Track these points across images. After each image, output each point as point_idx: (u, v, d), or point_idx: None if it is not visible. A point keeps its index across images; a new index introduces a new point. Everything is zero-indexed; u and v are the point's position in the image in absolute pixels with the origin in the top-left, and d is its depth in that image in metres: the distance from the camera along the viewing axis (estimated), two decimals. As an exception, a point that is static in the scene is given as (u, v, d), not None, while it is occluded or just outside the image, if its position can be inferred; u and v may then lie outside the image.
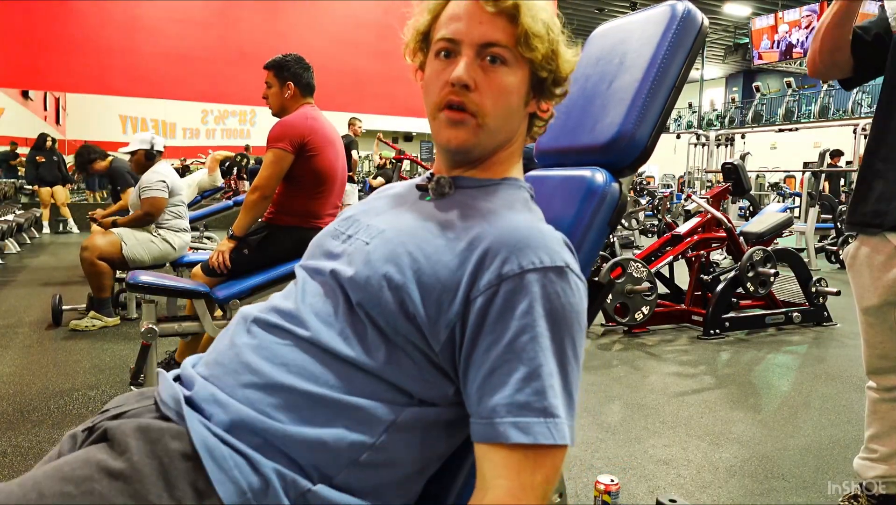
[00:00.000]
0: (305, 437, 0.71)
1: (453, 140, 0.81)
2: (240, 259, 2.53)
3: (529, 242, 0.74)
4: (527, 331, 0.70)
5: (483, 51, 0.79)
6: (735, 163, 4.95)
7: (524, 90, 0.82)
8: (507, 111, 0.82)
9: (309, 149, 2.49)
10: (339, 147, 2.65)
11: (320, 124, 2.58)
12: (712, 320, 3.98)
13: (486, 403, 0.70)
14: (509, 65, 0.80)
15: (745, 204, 11.30)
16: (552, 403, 0.69)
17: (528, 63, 0.81)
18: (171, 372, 0.84)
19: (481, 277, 0.73)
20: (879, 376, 1.64)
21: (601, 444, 2.30)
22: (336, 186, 2.63)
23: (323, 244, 0.89)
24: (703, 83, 20.75)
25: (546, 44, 0.80)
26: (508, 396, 0.69)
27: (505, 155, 0.87)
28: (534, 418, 0.68)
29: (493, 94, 0.79)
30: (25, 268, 6.22)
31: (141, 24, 9.99)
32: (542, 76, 0.82)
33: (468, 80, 0.78)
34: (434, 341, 0.74)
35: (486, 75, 0.79)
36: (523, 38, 0.78)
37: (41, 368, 3.00)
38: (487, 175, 0.87)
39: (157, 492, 0.66)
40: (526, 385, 0.69)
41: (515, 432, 0.68)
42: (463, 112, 0.80)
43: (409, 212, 0.85)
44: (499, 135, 0.83)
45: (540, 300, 0.71)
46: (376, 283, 0.75)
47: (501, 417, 0.69)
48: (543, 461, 0.69)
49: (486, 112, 0.80)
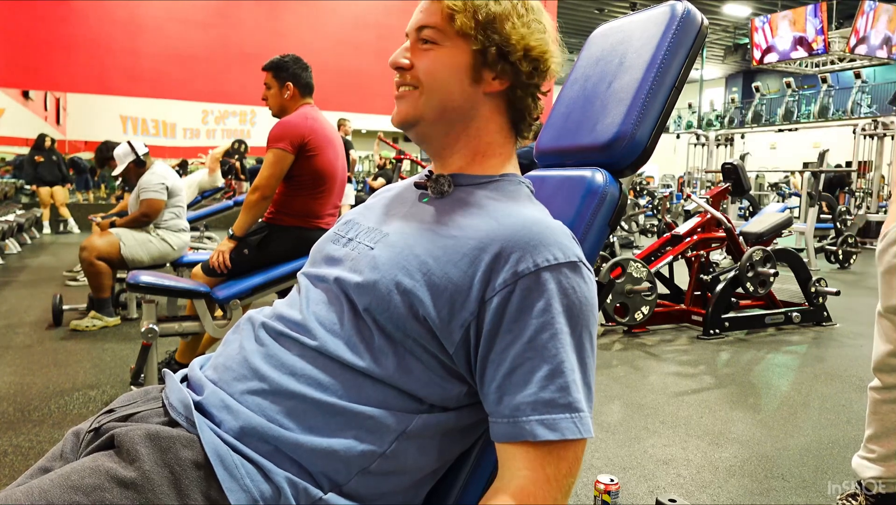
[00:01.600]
0: (316, 445, 0.71)
1: (397, 115, 0.85)
2: (240, 259, 2.53)
3: (542, 239, 0.74)
4: (546, 328, 0.71)
5: (419, 34, 0.84)
6: (735, 163, 4.95)
7: (464, 65, 0.82)
8: (444, 83, 0.83)
9: (309, 149, 2.49)
10: (339, 147, 2.65)
11: (320, 124, 2.58)
12: (712, 320, 3.98)
13: (507, 401, 0.71)
14: (441, 43, 0.82)
15: (745, 204, 11.31)
16: (576, 397, 0.70)
17: (462, 38, 0.82)
18: (177, 373, 0.83)
19: (496, 276, 0.73)
20: (886, 374, 1.64)
21: (601, 443, 2.30)
22: (336, 186, 2.63)
23: (324, 249, 0.89)
24: (703, 83, 20.77)
25: (469, 16, 0.81)
26: (533, 394, 0.70)
27: (483, 143, 0.86)
28: (560, 415, 0.69)
29: (425, 68, 0.83)
30: (26, 268, 6.22)
31: (141, 25, 10.00)
32: (476, 48, 0.82)
33: (400, 61, 0.84)
34: (447, 343, 0.74)
35: (420, 54, 0.83)
36: (446, 14, 0.81)
37: (41, 368, 3.00)
38: (482, 171, 0.86)
39: (170, 501, 0.66)
40: (550, 382, 0.70)
41: (543, 430, 0.69)
42: (405, 88, 0.84)
43: (411, 214, 0.85)
44: (443, 109, 0.84)
45: (557, 297, 0.72)
46: (384, 287, 0.74)
47: (527, 416, 0.69)
48: (566, 454, 0.70)
49: (422, 82, 0.83)
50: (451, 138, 0.86)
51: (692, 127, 18.12)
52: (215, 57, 10.33)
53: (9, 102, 13.08)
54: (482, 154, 0.87)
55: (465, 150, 0.86)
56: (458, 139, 0.86)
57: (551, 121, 1.09)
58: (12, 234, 7.31)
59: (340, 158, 2.66)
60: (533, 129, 0.92)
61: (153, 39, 9.93)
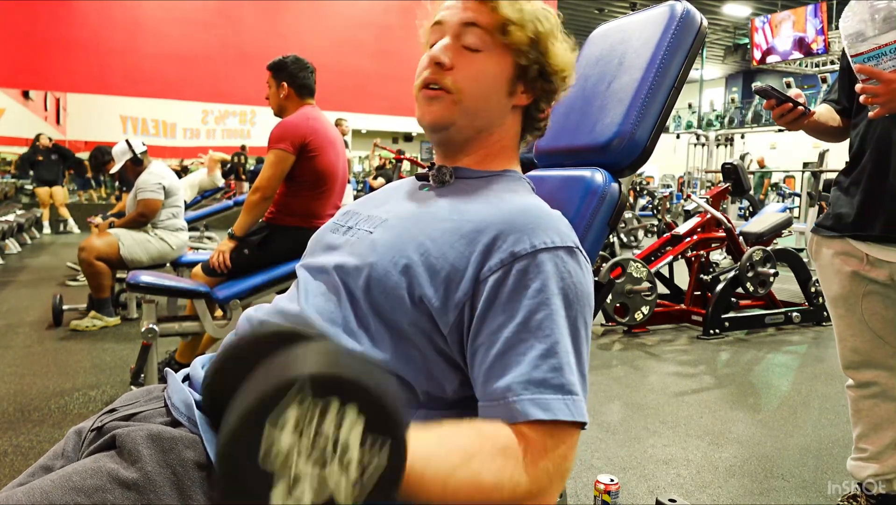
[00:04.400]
0: None
1: (428, 115, 0.84)
2: (240, 259, 2.53)
3: (540, 223, 0.75)
4: (542, 308, 0.70)
5: (463, 31, 0.82)
6: (735, 163, 4.95)
7: (505, 78, 0.83)
8: (484, 94, 0.83)
9: (310, 149, 2.49)
10: (340, 147, 2.65)
11: (321, 125, 2.58)
12: (712, 320, 3.98)
13: (497, 383, 0.69)
14: (487, 51, 0.82)
15: (745, 204, 11.31)
16: (569, 379, 0.69)
17: (510, 52, 0.82)
18: (179, 372, 0.83)
19: (492, 256, 0.73)
20: (854, 371, 1.64)
21: (601, 443, 2.30)
22: (337, 186, 2.63)
23: (322, 239, 0.89)
24: (703, 83, 20.76)
25: (524, 32, 0.81)
26: (525, 374, 0.68)
27: (496, 148, 0.88)
28: (552, 395, 0.68)
29: (468, 75, 0.82)
30: (26, 268, 6.22)
31: (141, 25, 10.01)
32: (523, 64, 0.83)
33: (443, 58, 0.81)
34: (443, 324, 0.74)
35: (464, 58, 0.82)
36: (501, 24, 0.81)
37: (41, 368, 3.00)
38: (485, 168, 0.88)
39: (172, 503, 0.66)
40: (543, 361, 0.69)
41: (534, 409, 0.67)
42: (439, 90, 0.82)
43: (410, 200, 0.86)
44: (476, 117, 0.84)
45: (553, 278, 0.72)
46: (382, 268, 0.74)
47: (518, 395, 0.68)
48: (562, 437, 0.68)
49: (462, 90, 0.82)
50: (472, 142, 0.87)
51: (692, 127, 18.10)
52: (215, 57, 10.33)
53: (9, 102, 13.08)
54: (492, 156, 0.88)
55: (479, 153, 0.88)
56: (477, 144, 0.87)
57: (551, 121, 1.10)
58: (12, 234, 7.31)
59: (342, 159, 2.66)
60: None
61: (153, 40, 9.94)
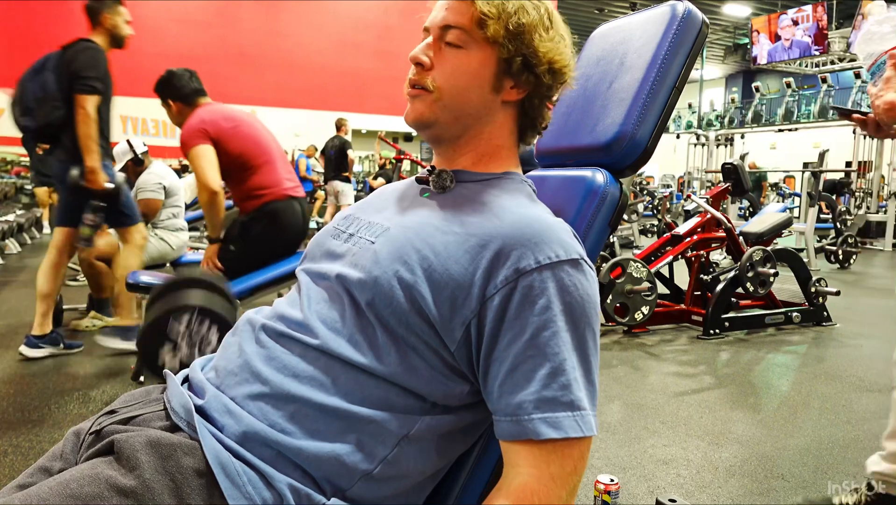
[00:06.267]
0: (318, 450, 0.71)
1: (410, 113, 0.84)
2: (228, 256, 2.55)
3: (543, 237, 0.74)
4: (548, 326, 0.71)
5: (443, 33, 0.82)
6: (735, 163, 4.95)
7: (488, 72, 0.82)
8: (463, 89, 0.82)
9: (218, 136, 2.54)
10: (252, 122, 2.69)
11: (218, 114, 2.63)
12: (712, 320, 3.98)
13: (510, 399, 0.71)
14: (467, 47, 0.82)
15: (745, 204, 11.31)
16: (578, 396, 0.71)
17: (491, 46, 0.81)
18: (178, 374, 0.83)
19: (497, 273, 0.73)
20: None
21: (601, 443, 2.30)
22: (273, 154, 2.66)
23: (323, 244, 0.88)
24: (703, 83, 20.77)
25: (499, 23, 0.80)
26: (535, 392, 0.70)
27: (491, 146, 0.87)
28: (562, 413, 0.70)
29: (445, 72, 0.82)
30: (26, 268, 6.22)
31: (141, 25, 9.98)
32: (505, 56, 0.82)
33: (422, 58, 0.82)
34: (449, 340, 0.73)
35: (443, 56, 0.82)
36: (477, 19, 0.80)
37: (41, 368, 3.00)
38: (484, 169, 0.87)
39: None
40: (552, 381, 0.70)
41: (545, 428, 0.69)
42: (421, 89, 0.83)
43: (412, 208, 0.85)
44: (459, 113, 0.83)
45: (558, 295, 0.72)
46: (386, 282, 0.74)
47: (529, 414, 0.69)
48: (571, 452, 0.70)
49: (440, 87, 0.82)
50: (463, 140, 0.86)
51: (692, 127, 18.11)
52: (215, 57, 10.32)
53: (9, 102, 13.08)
54: (489, 156, 0.87)
55: (474, 152, 0.87)
56: (469, 142, 0.86)
57: (552, 121, 1.10)
58: (12, 234, 7.31)
59: (260, 129, 2.69)
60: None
61: (153, 40, 9.92)
